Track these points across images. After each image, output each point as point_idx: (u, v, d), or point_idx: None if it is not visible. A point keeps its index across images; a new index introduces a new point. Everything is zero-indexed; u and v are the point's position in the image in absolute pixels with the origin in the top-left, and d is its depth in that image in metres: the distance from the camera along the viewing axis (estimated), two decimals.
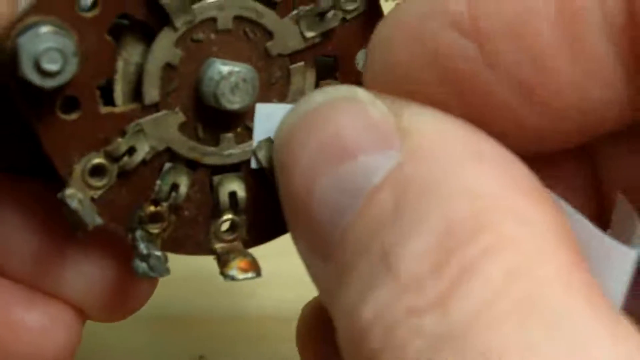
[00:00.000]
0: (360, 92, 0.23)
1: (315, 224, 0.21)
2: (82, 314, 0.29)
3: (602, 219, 0.24)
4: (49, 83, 0.23)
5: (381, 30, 0.23)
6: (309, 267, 0.23)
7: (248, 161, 0.27)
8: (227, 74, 0.25)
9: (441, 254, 0.19)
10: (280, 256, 0.34)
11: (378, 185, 0.20)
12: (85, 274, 0.28)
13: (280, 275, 0.30)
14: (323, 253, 0.21)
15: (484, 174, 0.20)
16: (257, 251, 0.28)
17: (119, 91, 0.25)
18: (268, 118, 0.26)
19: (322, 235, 0.21)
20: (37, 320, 0.28)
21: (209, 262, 0.28)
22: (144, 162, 0.26)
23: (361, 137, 0.21)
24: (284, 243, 0.30)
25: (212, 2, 0.25)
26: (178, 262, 0.29)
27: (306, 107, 0.23)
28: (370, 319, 0.19)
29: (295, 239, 0.23)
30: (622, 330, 0.18)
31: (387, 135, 0.21)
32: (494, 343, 0.17)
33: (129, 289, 0.29)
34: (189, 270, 0.35)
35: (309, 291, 0.27)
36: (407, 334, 0.18)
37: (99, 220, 0.25)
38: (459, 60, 0.21)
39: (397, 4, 0.24)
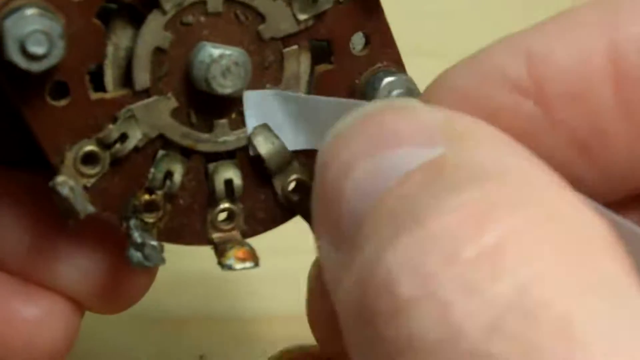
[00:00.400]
0: (414, 100, 0.23)
1: (345, 210, 0.21)
2: (80, 305, 0.29)
3: None
4: (36, 67, 0.22)
5: (432, 92, 0.24)
6: (328, 261, 0.22)
7: (243, 148, 0.27)
8: (218, 57, 0.25)
9: (478, 215, 0.18)
10: (280, 255, 0.34)
11: (413, 170, 0.20)
12: (80, 266, 0.28)
13: (281, 274, 0.30)
14: (347, 243, 0.20)
15: (524, 163, 0.20)
16: (256, 250, 0.27)
17: (110, 76, 0.25)
18: (258, 104, 0.26)
19: (347, 218, 0.20)
20: (34, 312, 0.28)
21: (208, 262, 0.27)
22: (136, 149, 0.25)
23: (407, 132, 0.21)
24: (284, 242, 0.30)
25: None
26: (178, 262, 0.29)
27: (357, 113, 0.22)
28: (394, 263, 0.18)
29: (319, 233, 0.22)
30: None
31: (435, 135, 0.20)
32: (566, 315, 0.16)
33: (125, 280, 0.28)
34: (189, 271, 0.35)
35: None
36: (450, 288, 0.17)
37: (90, 209, 0.25)
38: (520, 120, 0.23)
39: (447, 69, 0.24)
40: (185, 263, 0.32)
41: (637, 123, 0.22)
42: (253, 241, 0.27)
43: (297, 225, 0.28)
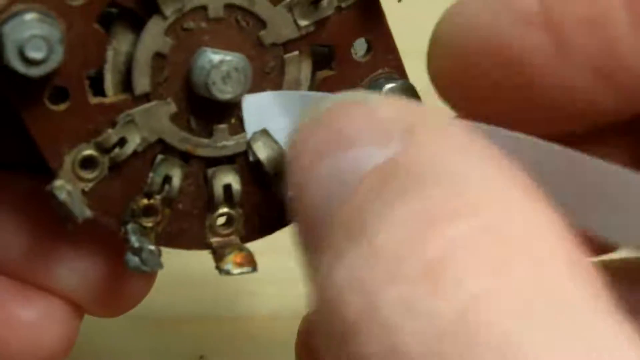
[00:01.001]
0: (371, 96, 0.23)
1: (310, 214, 0.21)
2: (79, 308, 0.29)
3: None
4: (34, 71, 0.22)
5: (442, 30, 0.24)
6: (305, 264, 0.22)
7: (243, 153, 0.27)
8: (218, 62, 0.25)
9: (423, 226, 0.17)
10: (279, 254, 0.33)
11: (370, 170, 0.20)
12: (79, 269, 0.28)
13: (280, 274, 0.30)
14: (313, 243, 0.21)
15: (478, 165, 0.19)
16: (256, 250, 0.27)
17: (109, 81, 0.25)
18: (257, 108, 0.26)
19: (315, 225, 0.21)
20: (33, 315, 0.28)
21: (209, 263, 0.27)
22: (135, 153, 0.25)
23: (363, 131, 0.21)
24: (283, 241, 0.30)
25: None
26: (177, 262, 0.29)
27: (317, 109, 0.23)
28: (342, 281, 0.18)
29: (295, 235, 0.22)
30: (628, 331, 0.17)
31: (390, 131, 0.20)
32: (509, 337, 0.16)
33: (124, 284, 0.28)
34: (188, 271, 0.35)
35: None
36: (392, 308, 0.17)
37: (88, 213, 0.25)
38: (531, 53, 0.23)
39: (454, 3, 0.24)
40: (185, 263, 0.32)
41: None
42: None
43: None
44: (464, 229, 0.17)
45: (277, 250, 0.29)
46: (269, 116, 0.26)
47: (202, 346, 0.40)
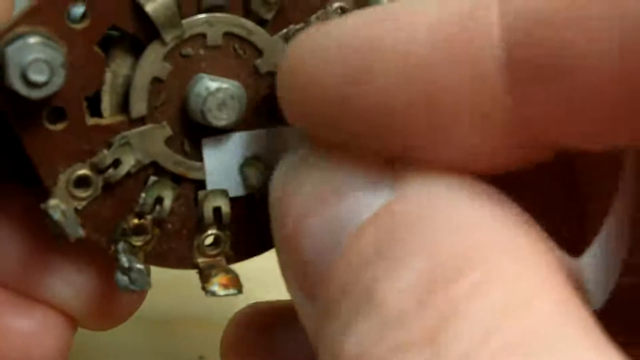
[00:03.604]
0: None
1: (304, 265, 0.21)
2: (73, 320, 0.29)
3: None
4: (36, 94, 0.23)
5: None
6: (299, 307, 0.22)
7: None
8: (215, 90, 0.25)
9: (427, 289, 0.18)
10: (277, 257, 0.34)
11: (365, 223, 0.20)
12: (73, 282, 0.28)
13: (278, 275, 0.30)
14: (311, 293, 0.21)
15: (475, 212, 0.20)
16: None
17: (107, 103, 0.25)
18: (218, 150, 0.26)
19: (310, 275, 0.21)
20: (27, 326, 0.28)
21: None
22: (129, 174, 0.26)
23: (352, 178, 0.21)
24: None
25: (202, 18, 0.25)
26: None
27: (299, 155, 0.23)
28: (354, 353, 0.18)
29: (287, 281, 0.23)
30: None
31: (380, 176, 0.21)
32: None
33: (117, 297, 0.29)
34: (188, 272, 0.35)
35: None
36: None
37: (80, 232, 0.25)
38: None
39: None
40: None
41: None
42: None
43: None
44: (463, 288, 0.18)
45: (275, 252, 0.30)
46: (229, 157, 0.27)
47: (201, 347, 0.40)
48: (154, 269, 0.27)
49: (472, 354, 0.17)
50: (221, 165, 0.27)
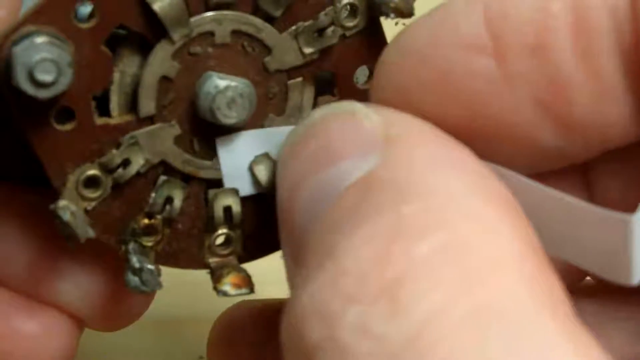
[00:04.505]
0: (358, 106, 0.23)
1: (296, 230, 0.21)
2: (80, 322, 0.29)
3: None
4: (43, 94, 0.23)
5: (389, 55, 0.24)
6: (291, 279, 0.22)
7: None
8: (224, 88, 0.25)
9: (388, 244, 0.18)
10: (278, 255, 0.34)
11: (348, 186, 0.20)
12: (81, 284, 0.28)
13: (280, 274, 0.30)
14: (300, 260, 0.21)
15: (452, 179, 0.19)
16: None
17: (115, 102, 0.25)
18: (232, 149, 0.26)
19: (300, 241, 0.21)
20: (35, 328, 0.28)
21: None
22: (138, 174, 0.26)
23: (346, 144, 0.21)
24: None
25: (210, 16, 0.25)
26: None
27: (306, 123, 0.23)
28: (306, 304, 0.18)
29: (283, 250, 0.23)
30: (584, 343, 0.17)
31: (372, 142, 0.21)
32: (449, 356, 0.16)
33: (125, 298, 0.29)
34: (189, 272, 0.35)
35: None
36: (349, 329, 0.17)
37: (91, 233, 0.25)
38: (476, 79, 0.22)
39: (404, 28, 0.24)
40: None
41: (596, 78, 0.21)
42: None
43: None
44: (427, 247, 0.17)
45: (277, 252, 0.29)
46: (243, 155, 0.26)
47: (201, 347, 0.40)
48: None
49: (436, 316, 0.16)
50: (235, 164, 0.26)
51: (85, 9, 0.24)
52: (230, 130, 0.26)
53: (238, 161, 0.26)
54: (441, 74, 0.22)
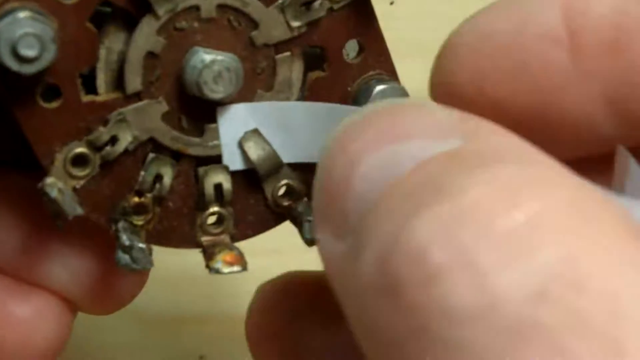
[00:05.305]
0: (428, 101, 0.23)
1: (352, 201, 0.20)
2: (72, 305, 0.29)
3: None
4: (27, 69, 0.23)
5: (464, 38, 0.24)
6: (331, 254, 0.20)
7: None
8: (210, 62, 0.25)
9: (514, 190, 0.17)
10: (280, 254, 0.33)
11: (426, 159, 0.19)
12: (71, 266, 0.28)
13: (279, 274, 0.30)
14: (356, 231, 0.19)
15: (546, 158, 0.19)
16: (255, 250, 0.27)
17: (101, 80, 0.25)
18: (231, 119, 0.26)
19: (356, 212, 0.19)
20: (27, 311, 0.28)
21: None
22: (126, 152, 0.25)
23: (419, 127, 0.20)
24: (282, 242, 0.30)
25: None
26: (177, 261, 0.29)
27: (366, 109, 0.22)
28: (429, 233, 0.17)
29: (321, 227, 0.21)
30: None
31: (449, 129, 0.20)
32: (617, 287, 0.16)
33: (116, 280, 0.29)
34: (188, 270, 0.35)
35: None
36: (491, 258, 0.16)
37: (79, 210, 0.25)
38: (550, 72, 0.22)
39: (476, 13, 0.24)
40: (184, 262, 0.32)
41: None
42: (248, 241, 0.28)
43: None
44: (549, 198, 0.17)
45: (278, 250, 0.29)
46: (242, 127, 0.26)
47: (202, 346, 0.40)
48: (155, 269, 0.26)
49: (544, 294, 0.16)
50: (233, 135, 0.26)
51: None
52: (219, 106, 0.26)
53: (236, 132, 0.26)
54: (519, 63, 0.22)
